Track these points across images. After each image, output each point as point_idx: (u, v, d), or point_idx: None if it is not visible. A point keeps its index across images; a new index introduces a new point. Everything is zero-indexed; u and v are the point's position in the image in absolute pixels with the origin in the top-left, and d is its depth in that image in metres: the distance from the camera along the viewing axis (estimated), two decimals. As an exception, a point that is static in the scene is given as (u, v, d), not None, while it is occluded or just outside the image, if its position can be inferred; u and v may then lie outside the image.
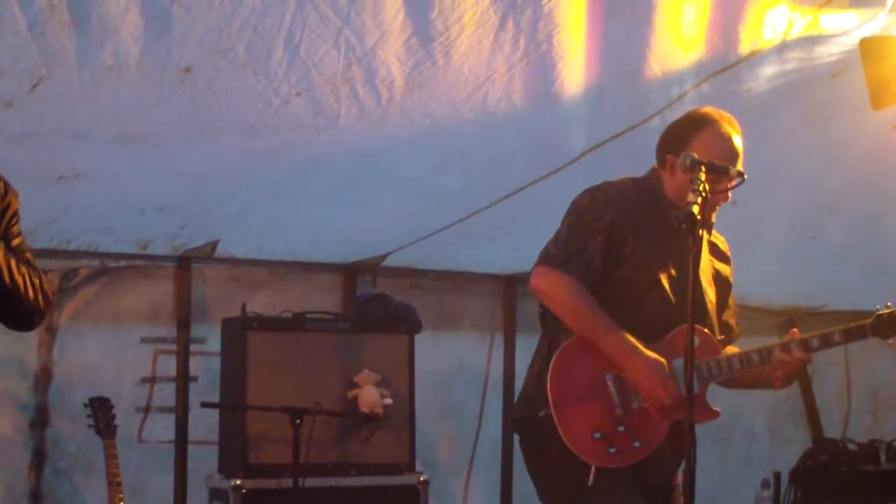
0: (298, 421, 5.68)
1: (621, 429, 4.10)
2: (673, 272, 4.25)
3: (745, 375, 4.30)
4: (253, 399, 5.92)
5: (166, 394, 6.83)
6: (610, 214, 4.24)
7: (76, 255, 6.58)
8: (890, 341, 4.27)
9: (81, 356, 6.67)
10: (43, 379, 6.61)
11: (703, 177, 3.89)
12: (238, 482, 5.85)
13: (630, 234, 4.23)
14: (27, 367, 6.59)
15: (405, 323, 6.32)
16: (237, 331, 6.08)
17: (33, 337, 6.58)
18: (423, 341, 6.31)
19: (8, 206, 3.54)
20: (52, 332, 6.63)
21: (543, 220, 6.58)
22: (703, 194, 3.83)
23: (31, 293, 3.47)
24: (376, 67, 5.04)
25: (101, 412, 6.04)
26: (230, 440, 6.11)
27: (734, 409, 7.87)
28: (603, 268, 4.20)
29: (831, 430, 7.98)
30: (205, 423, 6.62)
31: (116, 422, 6.04)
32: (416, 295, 6.95)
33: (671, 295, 4.22)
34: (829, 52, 5.46)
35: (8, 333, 6.31)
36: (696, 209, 3.79)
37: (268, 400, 5.84)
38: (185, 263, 6.87)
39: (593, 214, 4.26)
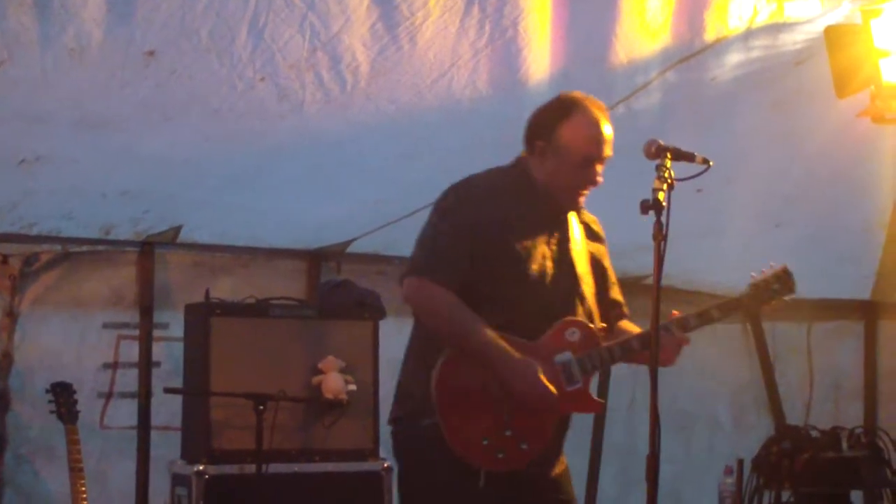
0: (262, 407, 5.65)
1: (508, 433, 4.06)
2: (550, 264, 4.20)
3: (632, 357, 4.27)
4: (216, 385, 5.88)
5: (129, 379, 6.78)
6: (476, 211, 4.14)
7: (38, 239, 6.54)
8: (771, 303, 4.32)
9: (43, 341, 6.62)
10: (4, 364, 6.56)
11: (668, 163, 3.88)
12: (201, 468, 5.80)
13: (501, 229, 4.14)
14: (-12, 352, 6.55)
15: (369, 309, 6.30)
16: (200, 317, 6.04)
17: (-6, 322, 6.57)
18: (387, 328, 6.28)
19: None
20: (13, 317, 6.59)
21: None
22: (669, 181, 3.83)
23: None
24: (341, 53, 5.03)
25: (62, 398, 5.98)
26: (193, 426, 6.08)
27: (698, 397, 7.94)
28: (474, 267, 4.10)
29: (794, 418, 8.00)
30: (168, 409, 6.58)
31: (78, 407, 5.98)
32: (381, 281, 6.93)
33: (549, 287, 4.17)
34: (793, 39, 5.49)
35: (-30, 319, 6.44)
36: (661, 196, 3.78)
37: (231, 386, 5.81)
38: (147, 249, 6.82)
39: (459, 214, 4.15)
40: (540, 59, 5.29)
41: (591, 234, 4.44)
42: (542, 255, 4.18)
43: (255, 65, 4.99)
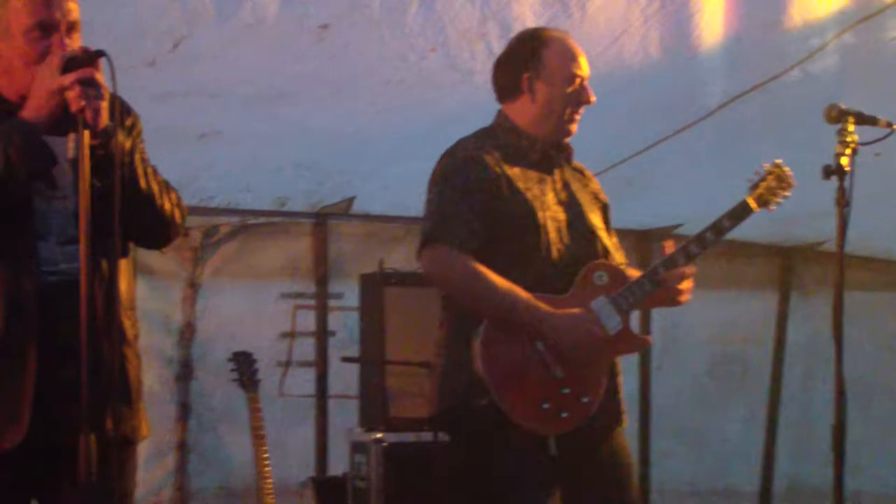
0: (437, 375, 5.72)
1: (566, 391, 3.96)
2: (561, 209, 4.10)
3: (652, 297, 4.16)
4: (391, 354, 5.99)
5: (306, 348, 6.96)
6: (475, 171, 4.02)
7: (217, 212, 6.74)
8: (775, 202, 4.19)
9: (223, 311, 6.83)
10: (187, 334, 6.80)
11: (850, 127, 3.81)
12: (379, 436, 5.92)
13: (502, 186, 4.02)
14: (171, 322, 6.79)
15: None
16: (375, 286, 6.15)
17: (177, 293, 6.79)
18: None
19: (134, 125, 3.44)
20: (195, 287, 6.81)
21: (679, 174, 6.59)
22: (852, 145, 3.77)
23: (166, 204, 3.37)
24: (511, 21, 5.05)
25: (244, 366, 6.17)
26: (370, 394, 6.19)
27: (876, 366, 7.78)
28: (484, 227, 3.98)
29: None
30: (344, 378, 6.72)
31: (259, 376, 6.17)
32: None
33: (564, 236, 4.07)
34: (977, -5, 5.32)
35: (154, 289, 6.66)
36: (844, 161, 3.74)
37: (406, 354, 5.89)
38: (322, 220, 6.97)
39: (459, 176, 4.03)
40: (713, 23, 5.24)
41: (586, 178, 4.34)
42: (551, 201, 4.09)
43: (426, 36, 5.06)
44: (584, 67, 4.15)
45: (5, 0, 3.23)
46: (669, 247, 4.15)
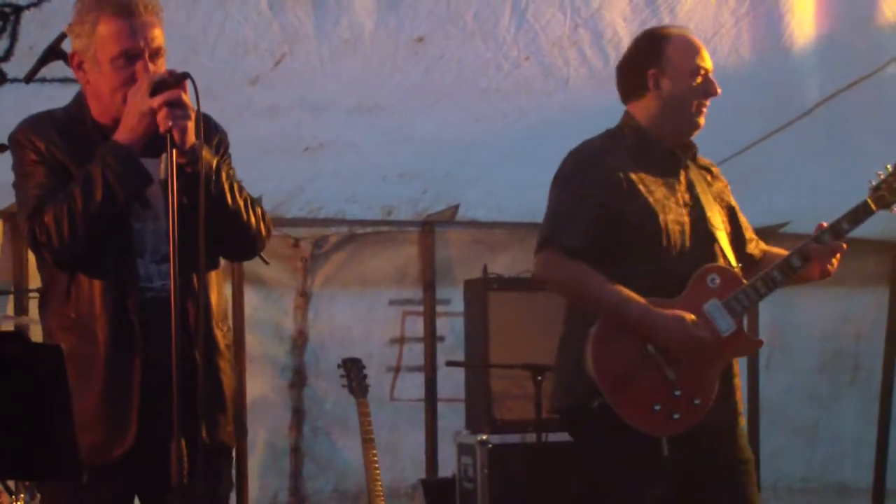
0: (540, 378, 5.77)
1: (678, 393, 4.00)
2: (685, 212, 4.12)
3: (795, 277, 4.16)
4: (496, 357, 6.09)
5: (415, 354, 7.09)
6: (597, 174, 4.08)
7: (326, 222, 6.90)
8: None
9: (334, 319, 6.98)
10: (299, 342, 6.96)
11: None
12: (484, 437, 6.03)
13: (623, 188, 4.06)
14: (284, 331, 6.95)
15: None
16: (479, 292, 6.25)
17: (289, 302, 6.95)
18: None
19: (221, 143, 3.56)
20: (306, 296, 6.97)
21: (780, 172, 6.59)
22: None
23: (252, 219, 3.47)
24: (602, 29, 5.15)
25: (353, 372, 6.26)
26: (476, 397, 6.29)
27: None
28: (602, 230, 4.03)
29: None
30: (452, 382, 6.82)
31: (368, 381, 6.26)
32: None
33: (686, 238, 4.09)
34: None
35: (266, 299, 6.86)
36: None
37: (510, 357, 5.96)
38: (428, 228, 7.10)
39: (578, 179, 4.10)
40: (804, 23, 5.29)
41: (713, 176, 4.35)
42: (674, 204, 4.11)
43: (519, 45, 5.16)
44: (707, 60, 4.21)
45: (93, 30, 3.36)
46: (822, 226, 4.15)
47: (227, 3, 4.72)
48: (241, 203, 3.45)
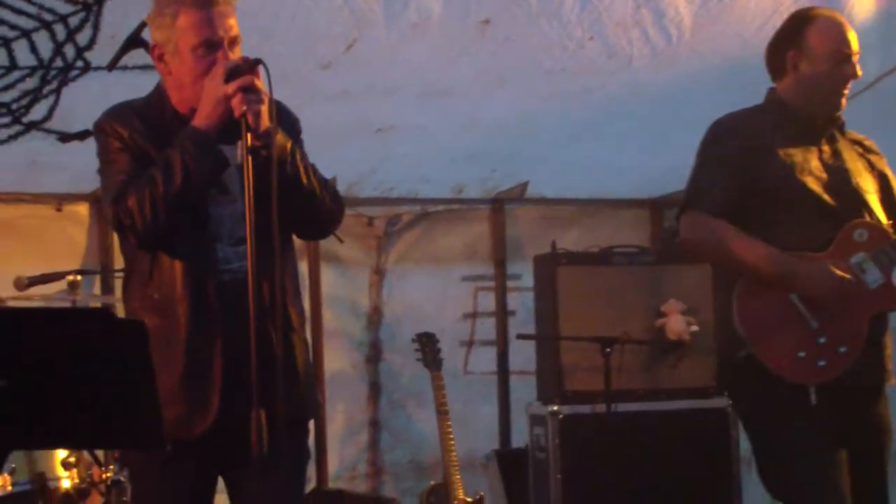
0: (609, 349, 5.92)
1: (822, 340, 4.04)
2: (825, 175, 4.17)
3: None
4: (565, 330, 6.21)
5: (487, 328, 7.24)
6: (736, 140, 4.19)
7: (398, 201, 7.08)
8: None
9: (407, 295, 7.15)
10: (374, 318, 7.14)
11: None
12: (555, 408, 6.16)
13: (764, 153, 4.15)
14: (359, 307, 7.14)
15: None
16: (548, 267, 6.37)
17: (364, 279, 7.14)
18: None
19: (293, 128, 3.65)
20: (380, 274, 7.14)
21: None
22: None
23: (326, 199, 3.57)
24: (664, 8, 5.22)
25: (428, 346, 6.42)
26: (546, 370, 6.43)
27: None
28: (742, 192, 4.12)
29: None
30: (523, 355, 6.95)
31: (442, 355, 6.42)
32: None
33: (829, 196, 4.14)
34: None
35: (342, 277, 7.04)
36: None
37: (579, 330, 6.12)
38: (498, 205, 7.25)
39: (719, 145, 4.21)
40: (864, 1, 5.30)
41: (865, 148, 4.41)
42: (815, 167, 4.19)
43: (583, 25, 5.23)
44: (852, 42, 4.25)
45: (172, 22, 3.46)
46: None
47: (298, -9, 4.82)
48: (316, 183, 3.54)
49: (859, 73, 4.24)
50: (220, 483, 3.62)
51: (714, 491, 6.22)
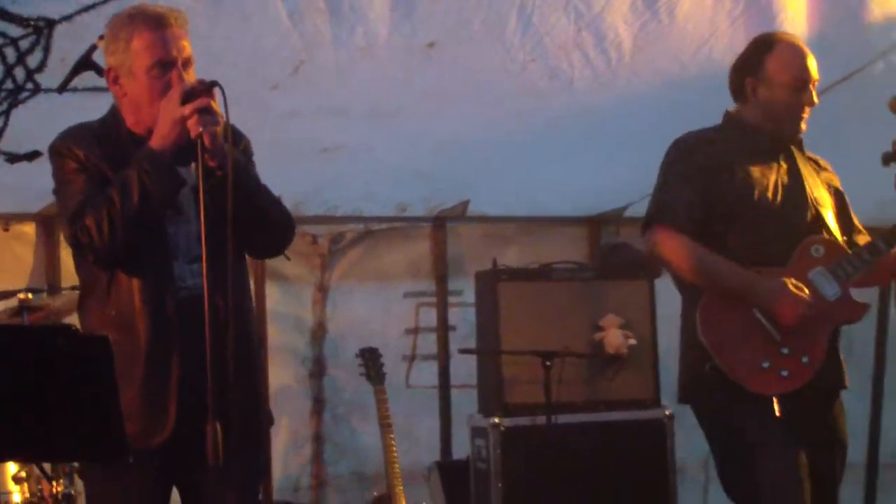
0: (549, 363, 5.99)
1: (785, 351, 4.16)
2: (781, 190, 4.29)
3: (880, 268, 4.33)
4: (506, 344, 6.28)
5: (429, 343, 7.33)
6: (697, 158, 4.31)
7: (343, 220, 7.14)
8: None
9: (351, 311, 7.21)
10: (318, 333, 7.21)
11: None
12: (496, 420, 6.22)
13: (728, 168, 4.27)
14: (304, 323, 7.20)
15: (645, 269, 6.48)
16: (489, 282, 6.44)
17: (308, 296, 7.20)
18: (662, 286, 6.48)
19: (246, 148, 3.74)
20: (324, 291, 7.21)
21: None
22: None
23: (280, 218, 3.68)
24: (604, 31, 5.31)
25: (371, 361, 6.48)
26: (487, 383, 6.50)
27: None
28: (704, 207, 4.25)
29: None
30: (464, 369, 7.01)
31: (385, 369, 6.48)
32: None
33: (787, 212, 4.27)
34: None
35: (287, 294, 7.10)
36: None
37: (520, 345, 6.19)
38: (440, 223, 7.35)
39: (683, 162, 4.34)
40: (796, 21, 5.41)
41: (820, 166, 4.53)
42: (773, 182, 4.30)
43: (525, 48, 5.31)
44: (810, 69, 4.37)
45: (127, 46, 3.54)
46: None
47: (248, 15, 4.86)
48: (269, 203, 3.64)
49: (815, 100, 4.37)
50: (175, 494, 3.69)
51: (650, 499, 6.31)
